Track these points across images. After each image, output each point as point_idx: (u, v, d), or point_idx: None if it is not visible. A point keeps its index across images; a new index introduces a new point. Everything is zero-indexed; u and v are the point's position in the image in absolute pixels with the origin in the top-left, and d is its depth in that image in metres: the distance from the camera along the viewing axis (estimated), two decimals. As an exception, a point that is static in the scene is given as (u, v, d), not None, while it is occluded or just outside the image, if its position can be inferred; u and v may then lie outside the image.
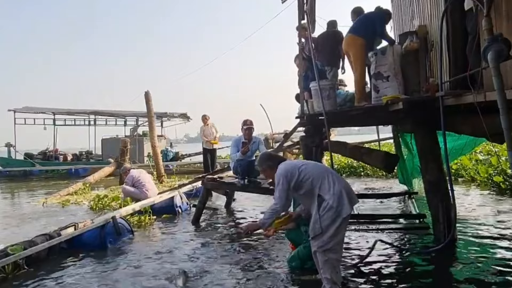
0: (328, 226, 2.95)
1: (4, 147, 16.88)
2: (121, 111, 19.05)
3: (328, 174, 3.12)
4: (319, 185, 3.04)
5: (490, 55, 2.74)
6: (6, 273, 3.93)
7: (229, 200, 7.36)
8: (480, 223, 5.26)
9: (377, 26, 5.03)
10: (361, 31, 5.08)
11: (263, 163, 3.50)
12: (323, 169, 3.28)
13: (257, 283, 3.52)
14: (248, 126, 5.79)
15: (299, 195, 3.19)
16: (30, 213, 7.54)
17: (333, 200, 2.96)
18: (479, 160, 9.40)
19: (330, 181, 3.05)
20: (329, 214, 2.95)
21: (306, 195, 3.12)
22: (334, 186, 3.02)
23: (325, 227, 2.95)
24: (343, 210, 2.97)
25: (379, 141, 9.72)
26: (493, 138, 3.78)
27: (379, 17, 5.14)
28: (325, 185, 3.03)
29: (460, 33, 3.98)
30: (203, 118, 10.84)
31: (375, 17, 5.13)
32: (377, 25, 5.03)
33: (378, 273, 3.69)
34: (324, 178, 3.07)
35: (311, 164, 3.32)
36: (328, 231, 2.95)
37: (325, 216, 2.96)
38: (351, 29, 5.23)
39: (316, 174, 3.10)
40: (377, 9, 5.35)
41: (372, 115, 5.23)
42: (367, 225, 5.33)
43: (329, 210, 2.96)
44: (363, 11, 5.51)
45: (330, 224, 2.95)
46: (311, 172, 3.12)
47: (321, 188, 3.03)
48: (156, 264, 4.16)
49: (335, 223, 2.95)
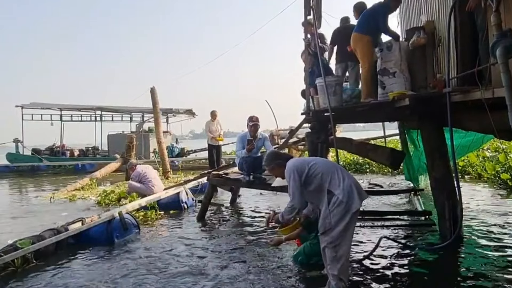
0: (338, 221, 2.95)
1: (12, 142, 17.09)
2: (127, 107, 19.14)
3: (337, 170, 3.12)
4: (329, 180, 3.03)
5: (499, 50, 2.72)
6: (16, 266, 4.01)
7: (234, 196, 7.38)
8: (486, 220, 5.23)
9: (380, 22, 4.93)
10: (365, 28, 5.01)
11: (271, 162, 3.46)
12: (331, 164, 3.27)
13: (263, 278, 3.54)
14: (254, 123, 5.79)
15: (308, 191, 3.16)
16: (38, 208, 7.64)
17: (343, 194, 2.96)
18: (487, 157, 9.32)
19: (339, 176, 3.05)
20: (339, 209, 2.95)
21: (315, 190, 3.10)
22: (344, 181, 3.01)
23: (335, 222, 2.95)
24: (353, 204, 2.96)
25: (385, 137, 9.66)
26: (500, 135, 3.75)
27: (381, 12, 4.98)
28: (335, 180, 3.03)
29: (468, 29, 3.93)
30: (213, 113, 10.87)
31: (376, 13, 5.00)
32: (380, 21, 4.92)
33: (383, 269, 3.69)
34: (334, 173, 3.07)
35: (320, 160, 3.32)
36: (338, 226, 2.95)
37: (335, 211, 2.96)
38: (356, 27, 5.17)
39: (325, 170, 3.09)
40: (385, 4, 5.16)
41: (378, 111, 5.21)
42: (372, 221, 5.33)
43: (339, 205, 2.95)
44: (365, 6, 5.39)
45: (340, 219, 2.95)
46: (321, 167, 3.11)
47: (331, 183, 3.02)
48: (162, 260, 4.20)
49: (345, 218, 2.95)
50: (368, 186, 8.47)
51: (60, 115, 18.28)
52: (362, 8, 5.36)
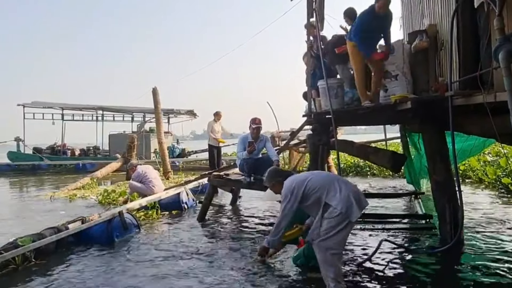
0: (332, 229, 2.97)
1: (14, 141, 17.12)
2: (128, 107, 19.16)
3: (334, 182, 3.15)
4: (326, 193, 3.07)
5: (502, 54, 2.72)
6: (16, 264, 4.01)
7: (235, 197, 7.38)
8: (487, 224, 5.22)
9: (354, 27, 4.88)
10: (351, 34, 5.00)
11: (271, 179, 3.54)
12: (328, 177, 3.32)
13: (263, 280, 3.54)
14: (257, 126, 5.78)
15: (306, 206, 3.21)
16: (38, 206, 7.64)
17: (341, 206, 2.98)
18: (488, 162, 9.31)
19: (336, 187, 3.08)
20: (337, 218, 2.98)
21: (313, 204, 3.14)
22: (341, 192, 3.04)
23: (329, 230, 2.98)
24: (352, 214, 2.99)
25: (386, 140, 9.65)
26: (502, 139, 3.75)
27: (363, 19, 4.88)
28: (332, 192, 3.06)
29: (470, 33, 3.94)
30: (218, 114, 10.88)
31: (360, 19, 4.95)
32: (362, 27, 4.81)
33: (383, 272, 3.69)
34: (331, 185, 3.10)
35: (316, 174, 3.37)
36: (331, 233, 2.98)
37: (332, 221, 2.99)
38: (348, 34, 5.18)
39: (322, 184, 3.13)
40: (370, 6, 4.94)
41: (380, 114, 5.21)
42: (373, 224, 5.32)
43: (337, 215, 2.98)
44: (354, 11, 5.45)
45: (335, 226, 2.98)
46: (317, 181, 3.15)
47: (328, 196, 3.06)
48: (161, 260, 4.20)
49: (340, 225, 2.98)
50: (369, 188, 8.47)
51: (61, 114, 18.32)
52: (351, 13, 5.43)
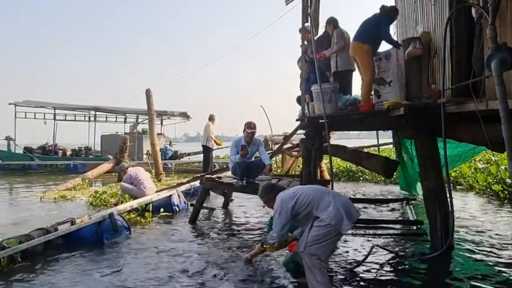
0: (321, 239, 3.04)
1: (4, 140, 16.87)
2: (122, 108, 19.05)
3: (324, 195, 3.21)
4: (316, 207, 3.14)
5: (494, 63, 2.75)
6: (1, 266, 3.93)
7: (227, 201, 7.35)
8: (477, 231, 5.25)
9: (382, 31, 4.99)
10: (365, 37, 5.05)
11: (265, 195, 3.61)
12: (319, 190, 3.36)
13: (252, 283, 3.51)
14: (252, 131, 5.76)
15: (298, 219, 3.28)
16: (27, 207, 7.53)
17: (330, 218, 3.05)
18: (478, 169, 9.41)
19: (326, 201, 3.15)
20: (326, 229, 3.05)
21: (304, 217, 3.22)
22: (331, 205, 3.11)
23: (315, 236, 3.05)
24: (342, 227, 3.07)
25: (378, 146, 9.70)
26: (493, 147, 3.78)
27: (384, 22, 5.06)
28: (322, 205, 3.13)
29: (463, 41, 3.99)
30: (213, 117, 10.94)
31: (379, 22, 5.06)
32: (383, 30, 4.99)
33: (374, 277, 3.68)
34: (321, 199, 3.17)
35: (306, 189, 3.41)
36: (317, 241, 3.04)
37: (320, 231, 3.06)
38: (356, 36, 5.21)
39: (313, 198, 3.19)
40: (381, 9, 5.18)
41: (373, 119, 5.23)
42: (364, 230, 5.32)
43: (325, 227, 3.05)
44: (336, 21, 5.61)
45: (324, 237, 3.04)
46: (308, 196, 3.21)
47: (318, 209, 3.13)
48: (151, 262, 4.15)
49: (328, 236, 3.05)
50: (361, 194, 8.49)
51: (53, 114, 18.16)
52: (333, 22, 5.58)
